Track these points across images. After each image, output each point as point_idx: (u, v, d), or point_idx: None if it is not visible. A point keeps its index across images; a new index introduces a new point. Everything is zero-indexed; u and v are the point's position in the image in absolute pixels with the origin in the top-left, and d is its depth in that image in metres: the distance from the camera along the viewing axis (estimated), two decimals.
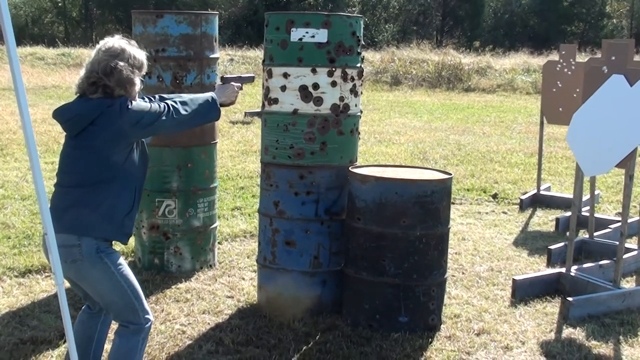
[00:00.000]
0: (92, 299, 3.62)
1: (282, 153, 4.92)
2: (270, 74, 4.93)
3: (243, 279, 5.78)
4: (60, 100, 18.09)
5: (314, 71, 4.79)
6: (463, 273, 6.07)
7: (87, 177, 3.35)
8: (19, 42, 29.42)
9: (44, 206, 2.85)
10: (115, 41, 3.47)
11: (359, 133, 5.18)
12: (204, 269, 5.90)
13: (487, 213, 8.29)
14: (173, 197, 5.73)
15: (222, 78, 4.06)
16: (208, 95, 3.73)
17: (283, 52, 4.85)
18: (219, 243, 6.41)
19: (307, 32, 4.77)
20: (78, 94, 3.45)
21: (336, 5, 45.72)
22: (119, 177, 3.39)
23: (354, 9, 47.12)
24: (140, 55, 3.51)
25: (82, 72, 3.45)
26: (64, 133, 3.46)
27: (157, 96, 3.74)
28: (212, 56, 5.82)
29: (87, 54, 24.29)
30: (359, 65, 4.97)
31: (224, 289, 5.50)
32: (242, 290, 5.49)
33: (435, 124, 15.99)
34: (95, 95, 3.37)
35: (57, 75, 23.70)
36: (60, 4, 47.36)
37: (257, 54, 28.91)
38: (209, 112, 3.69)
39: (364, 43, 5.09)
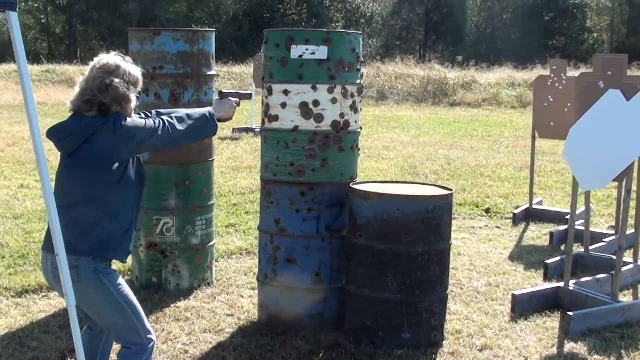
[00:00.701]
0: (91, 320, 3.58)
1: (282, 170, 4.92)
2: (270, 91, 4.93)
3: (242, 296, 5.75)
4: (47, 117, 17.99)
5: (314, 88, 4.80)
6: (461, 288, 6.07)
7: (83, 197, 3.30)
8: (3, 59, 29.32)
9: (56, 227, 2.82)
10: (110, 58, 3.45)
11: (359, 149, 5.19)
12: (202, 287, 5.87)
13: (480, 228, 8.31)
14: (171, 215, 5.70)
15: (220, 93, 4.02)
16: (205, 110, 3.71)
17: (283, 69, 4.86)
18: (215, 261, 6.37)
19: (307, 49, 4.78)
20: (72, 112, 3.41)
21: (320, 21, 45.98)
22: (116, 195, 3.35)
23: (337, 24, 47.37)
24: (136, 71, 3.48)
25: (76, 89, 3.42)
26: (54, 150, 3.43)
27: (153, 112, 3.71)
28: (209, 73, 5.82)
29: (72, 71, 24.28)
30: (358, 81, 4.99)
31: (224, 307, 5.47)
32: (242, 308, 5.46)
33: (423, 139, 16.05)
34: (91, 113, 3.33)
35: (42, 92, 23.59)
36: (43, 21, 47.22)
37: (242, 69, 29.01)
38: (206, 127, 3.65)
39: (363, 60, 5.10)
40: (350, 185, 4.92)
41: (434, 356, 4.64)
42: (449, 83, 26.20)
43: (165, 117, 3.52)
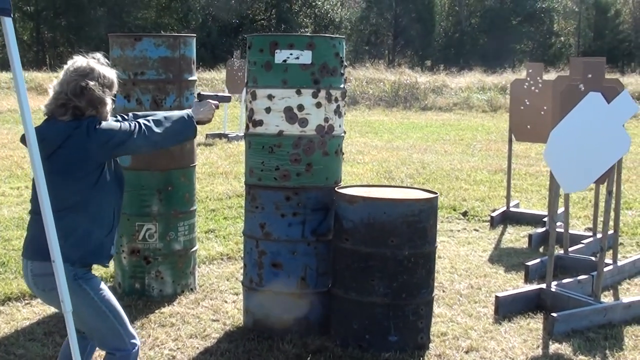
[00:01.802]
0: (79, 332, 3.47)
1: (267, 175, 4.91)
2: (254, 96, 4.92)
3: (226, 301, 5.72)
4: (17, 124, 17.76)
5: (298, 92, 4.80)
6: (444, 291, 6.11)
7: (59, 202, 3.18)
8: None
9: (52, 234, 2.78)
10: (83, 60, 3.39)
11: (343, 153, 5.20)
12: (186, 292, 5.83)
13: (459, 231, 8.36)
14: (153, 221, 5.66)
15: (198, 95, 3.94)
16: (184, 112, 3.64)
17: (267, 73, 4.85)
18: (197, 266, 6.33)
19: (291, 54, 4.78)
20: (46, 116, 3.35)
21: (289, 27, 45.98)
22: (92, 200, 3.30)
23: (306, 29, 47.42)
24: (110, 73, 3.43)
25: (50, 92, 3.36)
26: (28, 158, 3.36)
27: (130, 114, 3.66)
28: (190, 79, 5.80)
29: (41, 78, 23.99)
30: (342, 86, 5.00)
31: (208, 313, 5.44)
32: (227, 313, 5.43)
33: (396, 143, 16.12)
34: (65, 117, 3.28)
35: (11, 99, 23.21)
36: None
37: (213, 75, 28.90)
38: (185, 129, 3.58)
39: (346, 64, 5.11)
40: (335, 189, 4.92)
41: (421, 358, 4.66)
42: (420, 87, 26.35)
43: (142, 120, 3.46)
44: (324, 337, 4.91)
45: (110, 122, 3.38)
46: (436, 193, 4.95)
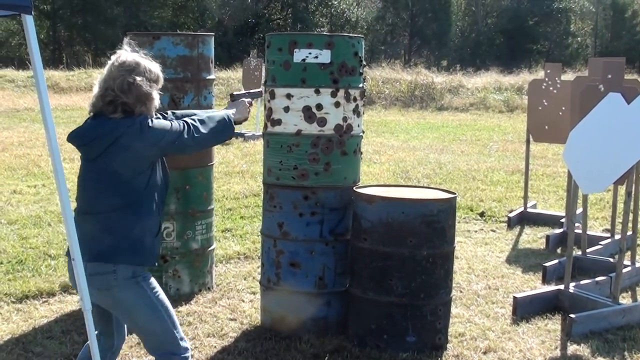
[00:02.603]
0: (106, 336, 3.46)
1: (285, 174, 4.91)
2: (272, 95, 4.92)
3: (243, 301, 5.73)
4: (34, 123, 17.90)
5: (317, 92, 4.80)
6: (461, 292, 6.09)
7: (113, 202, 3.18)
8: None
9: (72, 231, 2.79)
10: (128, 55, 3.30)
11: (362, 153, 5.20)
12: (203, 291, 5.85)
13: (476, 231, 8.33)
14: (171, 220, 5.67)
15: (231, 95, 3.95)
16: (224, 112, 3.62)
17: (286, 73, 4.85)
18: (214, 265, 6.35)
19: (310, 53, 4.78)
20: (92, 114, 3.28)
21: (305, 26, 46.02)
22: (145, 198, 3.25)
23: (322, 29, 47.45)
24: (155, 68, 3.36)
25: (95, 90, 3.28)
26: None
27: (169, 113, 3.62)
28: (208, 77, 5.81)
29: (58, 76, 24.11)
30: (361, 85, 5.00)
31: (226, 312, 5.45)
32: (244, 312, 5.44)
33: (412, 143, 16.09)
34: (116, 114, 3.20)
35: (28, 97, 23.40)
36: None
37: (229, 74, 28.92)
38: (225, 130, 3.56)
39: (365, 63, 5.11)
40: (354, 188, 4.92)
41: (439, 359, 4.65)
42: (436, 87, 26.27)
43: (188, 120, 3.41)
44: (342, 337, 4.91)
45: (161, 121, 3.32)
46: (455, 193, 4.94)
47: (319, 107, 4.81)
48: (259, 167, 11.60)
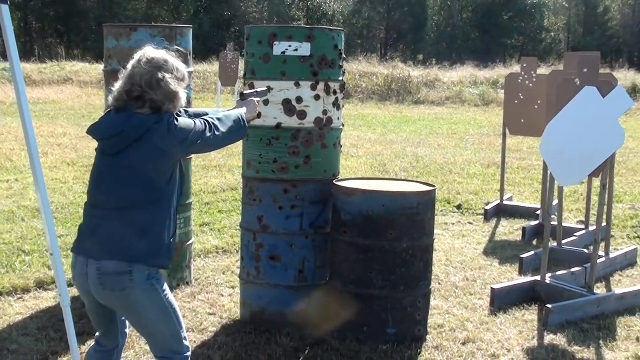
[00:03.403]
0: (110, 335, 3.38)
1: (265, 167, 4.91)
2: (252, 88, 4.91)
3: (222, 295, 5.72)
4: (5, 116, 17.70)
5: (297, 85, 4.80)
6: (439, 283, 6.13)
7: (133, 199, 3.10)
8: None
9: (51, 226, 2.77)
10: (156, 52, 3.22)
11: (341, 146, 5.21)
12: (181, 286, 5.83)
13: (453, 224, 8.39)
14: None
15: (241, 94, 3.92)
16: (237, 112, 3.56)
17: (266, 65, 4.84)
18: (192, 260, 6.33)
19: (290, 46, 4.77)
20: (115, 108, 3.18)
21: (281, 20, 45.94)
22: (164, 197, 3.17)
23: (299, 22, 47.39)
24: (182, 66, 3.29)
25: (118, 85, 3.19)
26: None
27: (182, 111, 3.48)
28: (187, 70, 5.76)
29: (30, 69, 23.83)
30: (341, 78, 5.01)
31: (205, 306, 5.44)
32: (224, 306, 5.43)
33: (389, 137, 16.14)
34: (143, 110, 3.12)
35: None
36: None
37: (205, 67, 28.85)
38: (240, 129, 3.49)
39: (345, 56, 5.11)
40: (334, 182, 4.93)
41: (418, 350, 4.68)
42: (412, 81, 26.39)
43: (208, 119, 3.34)
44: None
45: (186, 120, 3.24)
46: (434, 186, 4.97)
47: (299, 100, 4.81)
48: (236, 160, 11.59)
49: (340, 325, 4.79)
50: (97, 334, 3.41)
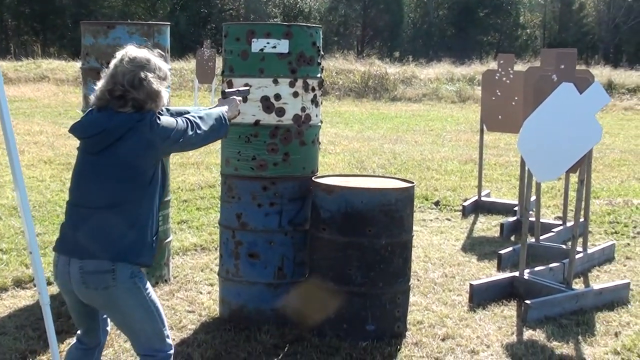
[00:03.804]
0: (92, 333, 3.37)
1: (244, 165, 4.89)
2: (230, 85, 4.89)
3: (201, 292, 5.70)
4: None
5: (275, 82, 4.78)
6: (418, 280, 6.15)
7: (116, 198, 3.09)
8: None
9: (29, 224, 2.74)
10: (138, 51, 3.21)
11: (320, 143, 5.20)
12: (160, 284, 5.79)
13: (431, 220, 8.42)
14: None
15: (223, 93, 3.92)
16: (219, 110, 3.55)
17: (244, 62, 4.82)
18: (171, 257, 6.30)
19: (268, 43, 4.76)
20: (97, 107, 3.17)
21: (258, 17, 45.82)
22: (146, 196, 3.16)
23: (275, 19, 47.30)
24: (164, 65, 3.28)
25: (100, 83, 3.18)
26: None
27: (164, 109, 3.44)
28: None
29: (5, 67, 23.58)
30: (319, 75, 5.00)
31: (184, 304, 5.41)
32: (202, 304, 5.41)
33: (367, 134, 16.17)
34: (125, 109, 3.11)
35: None
36: None
37: (182, 65, 28.70)
38: (221, 128, 3.50)
39: (322, 53, 5.10)
40: (313, 179, 4.92)
41: (398, 347, 4.69)
42: (389, 78, 26.43)
43: (189, 117, 3.33)
44: (301, 326, 4.91)
45: (168, 118, 3.23)
46: (412, 182, 4.98)
47: (277, 97, 4.80)
48: (214, 158, 11.55)
49: (319, 322, 4.79)
50: (79, 332, 3.40)
